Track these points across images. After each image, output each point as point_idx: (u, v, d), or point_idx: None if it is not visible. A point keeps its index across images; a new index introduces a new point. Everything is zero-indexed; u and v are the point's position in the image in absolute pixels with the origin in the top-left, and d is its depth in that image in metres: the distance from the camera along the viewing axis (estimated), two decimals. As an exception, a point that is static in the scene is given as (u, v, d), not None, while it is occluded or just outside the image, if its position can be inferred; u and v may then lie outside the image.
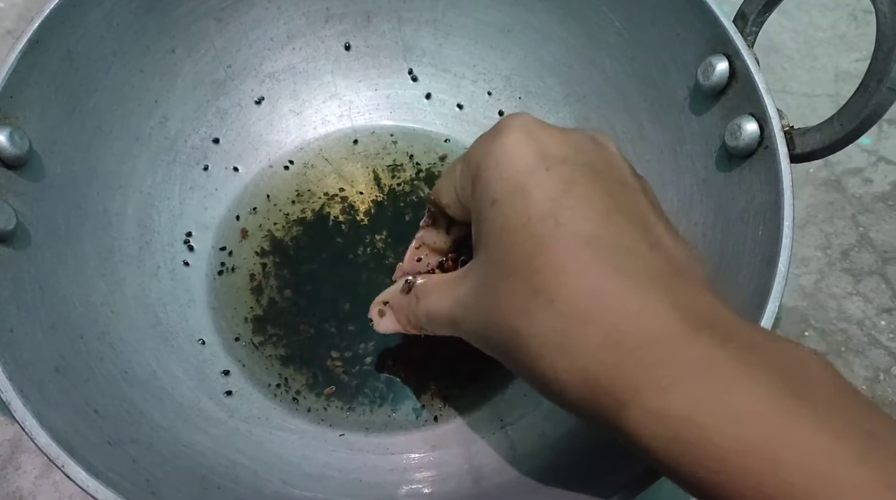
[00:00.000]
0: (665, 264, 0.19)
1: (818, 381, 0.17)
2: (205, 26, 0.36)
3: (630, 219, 0.20)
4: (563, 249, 0.19)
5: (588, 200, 0.20)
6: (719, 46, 0.30)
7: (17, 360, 0.24)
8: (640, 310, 0.18)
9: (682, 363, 0.17)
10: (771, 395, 0.16)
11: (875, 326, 0.40)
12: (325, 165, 0.39)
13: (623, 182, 0.22)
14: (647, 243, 0.20)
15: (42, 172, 0.29)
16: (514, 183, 0.21)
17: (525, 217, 0.20)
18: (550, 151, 0.21)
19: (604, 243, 0.19)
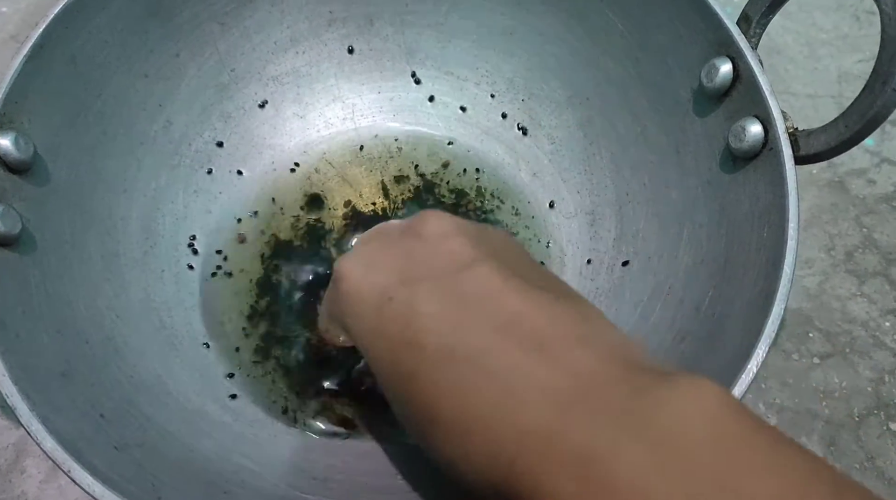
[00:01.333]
0: (523, 345, 0.19)
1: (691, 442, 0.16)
2: (208, 30, 0.36)
3: (480, 311, 0.20)
4: (429, 374, 0.19)
5: (435, 315, 0.20)
6: (723, 48, 0.30)
7: (22, 364, 0.24)
8: (511, 412, 0.18)
9: (558, 462, 0.17)
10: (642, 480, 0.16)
11: (879, 327, 0.40)
12: (329, 168, 0.39)
13: (462, 266, 0.21)
14: (496, 331, 0.19)
15: (47, 176, 0.29)
16: (371, 328, 0.21)
17: (392, 358, 0.21)
18: (387, 282, 0.22)
19: (460, 351, 0.19)
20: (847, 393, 0.39)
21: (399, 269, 0.22)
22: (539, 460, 0.17)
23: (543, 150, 0.39)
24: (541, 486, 0.17)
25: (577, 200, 0.37)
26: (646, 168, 0.35)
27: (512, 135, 0.40)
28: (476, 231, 0.23)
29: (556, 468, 0.17)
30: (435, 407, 0.19)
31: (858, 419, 0.38)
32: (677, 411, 0.16)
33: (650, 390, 0.17)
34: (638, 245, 0.34)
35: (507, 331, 0.19)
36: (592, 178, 0.37)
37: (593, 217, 0.37)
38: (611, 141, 0.36)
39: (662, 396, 0.17)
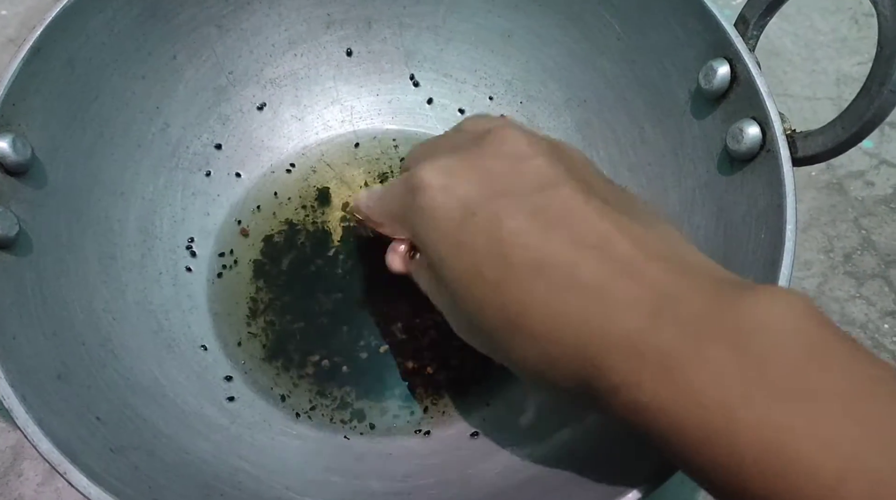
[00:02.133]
0: (611, 261, 0.20)
1: (777, 346, 0.17)
2: (206, 33, 0.36)
3: (565, 229, 0.21)
4: (520, 287, 0.21)
5: (522, 231, 0.21)
6: (720, 50, 0.30)
7: (19, 367, 0.24)
8: (599, 321, 0.19)
9: (642, 364, 0.18)
10: (723, 377, 0.17)
11: (878, 329, 0.40)
12: (328, 170, 0.39)
13: (546, 186, 0.22)
14: (585, 248, 0.20)
15: (44, 178, 0.29)
16: (452, 240, 0.22)
17: (475, 268, 0.21)
18: (470, 196, 0.22)
19: (550, 264, 0.20)
20: (846, 395, 0.39)
21: (481, 185, 0.22)
22: (626, 360, 0.19)
23: (541, 152, 0.39)
24: (627, 383, 0.19)
25: (575, 203, 0.37)
26: (643, 170, 0.35)
27: (510, 137, 0.40)
28: (552, 149, 0.24)
29: (642, 368, 0.18)
30: (522, 316, 0.20)
31: (857, 421, 0.38)
32: (759, 317, 0.17)
33: (733, 299, 0.18)
34: (636, 247, 0.34)
35: (594, 249, 0.20)
36: (590, 180, 0.37)
37: (591, 219, 0.37)
38: (608, 143, 0.36)
39: (745, 304, 0.18)
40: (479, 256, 0.21)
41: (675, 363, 0.18)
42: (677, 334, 0.18)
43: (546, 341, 0.20)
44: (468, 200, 0.22)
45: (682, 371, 0.18)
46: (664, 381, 0.18)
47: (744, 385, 0.17)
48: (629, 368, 0.19)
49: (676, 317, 0.18)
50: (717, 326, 0.18)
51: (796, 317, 0.17)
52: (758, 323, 0.17)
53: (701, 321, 0.18)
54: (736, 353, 0.17)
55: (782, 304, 0.18)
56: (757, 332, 0.17)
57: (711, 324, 0.18)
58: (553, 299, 0.20)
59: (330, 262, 0.37)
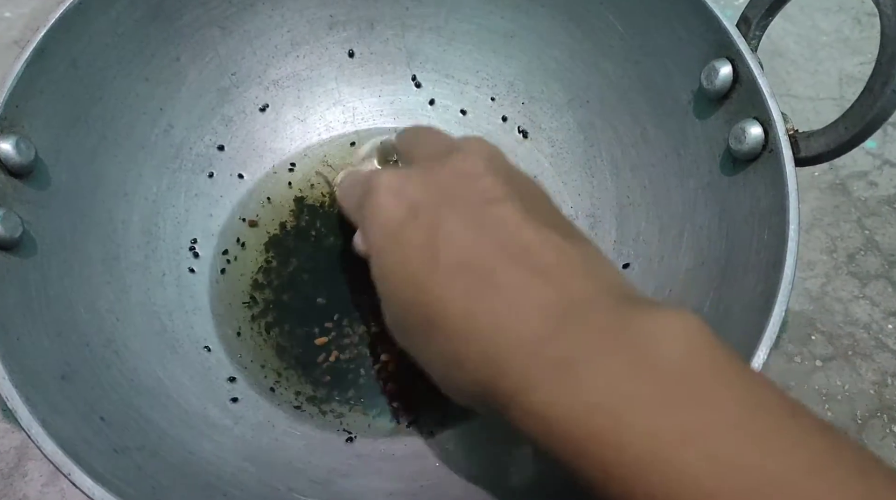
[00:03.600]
0: (530, 269, 0.21)
1: (668, 360, 0.18)
2: (209, 35, 0.36)
3: (496, 237, 0.22)
4: (441, 282, 0.21)
5: (454, 235, 0.22)
6: (723, 51, 0.30)
7: (23, 368, 0.24)
8: (507, 320, 0.20)
9: (540, 367, 0.19)
10: (613, 384, 0.18)
11: (882, 329, 0.40)
12: (330, 171, 0.39)
13: (490, 200, 0.23)
14: (509, 256, 0.21)
15: (48, 180, 0.29)
16: (391, 237, 0.23)
17: (406, 264, 0.22)
18: (416, 200, 0.23)
19: (473, 266, 0.21)
20: (849, 396, 0.38)
21: (430, 194, 0.23)
22: (526, 361, 0.19)
23: (544, 152, 0.39)
24: (524, 385, 0.19)
25: (578, 203, 0.37)
26: (646, 170, 0.35)
27: (512, 138, 0.40)
28: (507, 173, 0.25)
29: (540, 371, 0.19)
30: (440, 313, 0.21)
31: (861, 421, 0.38)
32: (656, 332, 0.18)
33: (636, 314, 0.19)
34: (639, 247, 0.34)
35: (518, 256, 0.21)
36: (593, 180, 0.37)
37: (594, 220, 0.37)
38: (611, 143, 0.36)
39: (646, 319, 0.19)
40: (412, 253, 0.22)
41: (571, 368, 0.18)
42: (578, 341, 0.19)
43: (458, 340, 0.21)
44: (414, 203, 0.23)
45: (576, 376, 0.18)
46: (558, 384, 0.18)
47: (633, 392, 0.17)
48: (528, 370, 0.19)
49: (580, 325, 0.19)
50: (616, 337, 0.19)
51: (690, 334, 0.18)
52: (654, 337, 0.18)
53: (602, 331, 0.19)
54: (630, 363, 0.18)
55: (678, 321, 0.19)
56: (652, 345, 0.18)
57: (612, 334, 0.19)
58: (469, 298, 0.21)
59: (333, 263, 0.37)
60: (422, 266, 0.22)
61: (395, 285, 0.23)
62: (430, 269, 0.22)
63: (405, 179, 0.24)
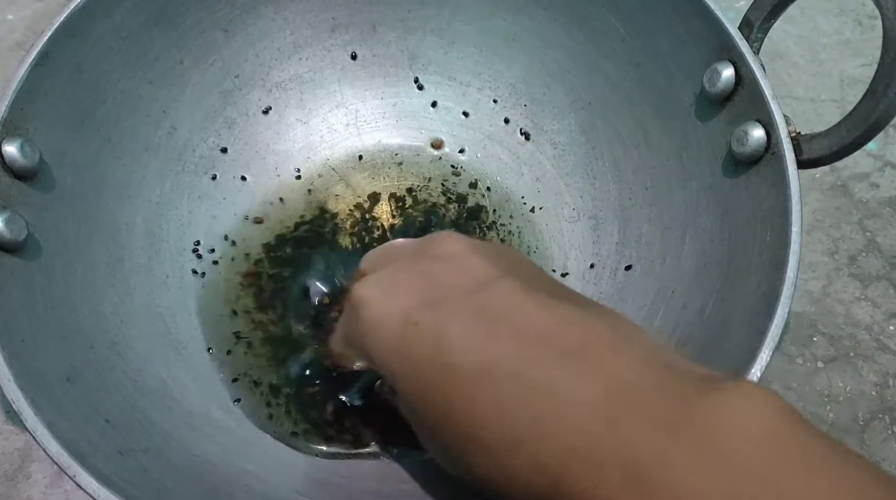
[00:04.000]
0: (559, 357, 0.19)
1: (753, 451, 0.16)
2: (212, 38, 0.36)
3: (509, 326, 0.20)
4: (467, 394, 0.19)
5: (464, 335, 0.20)
6: (725, 53, 0.30)
7: (28, 370, 0.24)
8: (553, 425, 0.18)
9: (608, 471, 0.17)
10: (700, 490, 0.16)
11: (884, 331, 0.40)
12: (332, 173, 0.39)
13: (484, 284, 0.21)
14: (530, 347, 0.19)
15: (52, 182, 0.30)
16: (397, 353, 0.21)
17: (424, 381, 0.20)
18: (409, 306, 0.21)
19: (495, 367, 0.19)
20: (851, 397, 0.39)
21: (419, 291, 0.22)
22: (588, 472, 0.17)
23: (546, 154, 0.39)
24: (592, 497, 0.17)
25: (580, 205, 0.38)
26: (648, 172, 0.35)
27: (514, 140, 0.40)
28: (488, 249, 0.23)
29: (607, 478, 0.16)
30: (474, 427, 0.19)
31: (863, 423, 0.38)
32: (730, 419, 0.16)
33: (700, 397, 0.17)
34: (641, 249, 0.34)
35: (540, 345, 0.19)
36: (595, 182, 0.37)
37: (596, 221, 0.37)
38: (613, 145, 0.37)
39: (714, 403, 0.17)
40: (425, 367, 0.20)
41: (642, 471, 0.16)
42: (639, 434, 0.17)
43: (501, 454, 0.19)
44: (408, 309, 0.21)
45: (651, 481, 0.16)
46: (634, 492, 0.16)
47: (720, 490, 0.15)
48: (590, 477, 0.17)
49: (637, 418, 0.17)
50: (684, 428, 0.16)
51: (768, 417, 0.16)
52: (730, 426, 0.16)
53: (666, 423, 0.17)
54: (711, 460, 0.16)
55: (753, 403, 0.17)
56: (730, 436, 0.16)
57: (678, 426, 0.16)
58: (501, 403, 0.19)
59: (336, 265, 0.37)
60: (441, 379, 0.20)
61: (418, 405, 0.21)
62: (450, 381, 0.20)
63: (385, 283, 0.22)
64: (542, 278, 0.24)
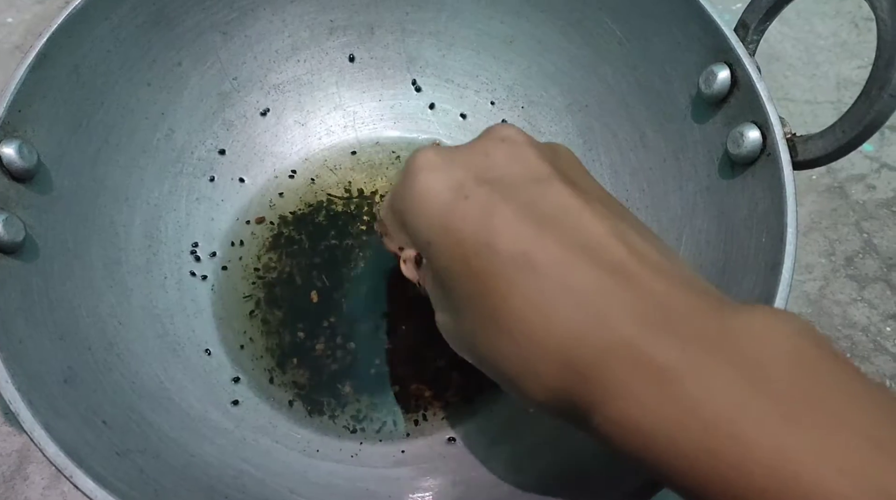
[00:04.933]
0: (604, 268, 0.19)
1: (780, 366, 0.17)
2: (210, 40, 0.36)
3: (559, 227, 0.20)
4: (505, 280, 0.19)
5: (513, 221, 0.20)
6: (721, 55, 0.30)
7: (25, 371, 0.24)
8: (590, 326, 0.18)
9: (638, 376, 0.17)
10: (727, 394, 0.16)
11: (881, 332, 0.40)
12: (331, 175, 0.39)
13: (539, 179, 0.21)
14: (578, 251, 0.19)
15: (50, 184, 0.30)
16: (440, 223, 0.21)
17: (461, 255, 0.20)
18: (463, 179, 0.21)
19: (537, 260, 0.19)
20: (848, 398, 0.39)
21: (477, 167, 0.22)
22: (617, 369, 0.18)
23: (543, 156, 0.39)
24: (617, 394, 0.17)
25: (577, 207, 0.38)
26: (645, 174, 0.35)
27: (512, 142, 0.40)
28: (547, 147, 0.23)
29: (635, 378, 0.17)
30: (506, 312, 0.19)
31: (860, 424, 0.38)
32: (759, 334, 0.17)
33: (731, 315, 0.18)
34: (638, 251, 0.34)
35: (588, 251, 0.19)
36: (592, 184, 0.37)
37: (593, 223, 0.37)
38: (610, 148, 0.37)
39: (744, 320, 0.17)
40: (466, 241, 0.20)
41: (674, 376, 0.17)
42: (675, 346, 0.17)
43: (527, 343, 0.19)
44: (461, 182, 0.21)
45: (682, 385, 0.17)
46: (661, 394, 0.17)
47: (752, 406, 0.16)
48: (621, 378, 0.17)
49: (674, 329, 0.18)
50: (716, 341, 0.17)
51: (795, 336, 0.17)
52: (758, 341, 0.17)
53: (700, 335, 0.17)
54: (738, 370, 0.16)
55: (780, 323, 0.17)
56: (758, 350, 0.17)
57: (710, 339, 0.17)
58: (539, 295, 0.19)
59: (335, 268, 0.37)
60: (479, 256, 0.20)
61: (453, 279, 0.21)
62: (489, 259, 0.20)
63: (447, 155, 0.22)
64: (596, 187, 0.24)
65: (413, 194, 0.22)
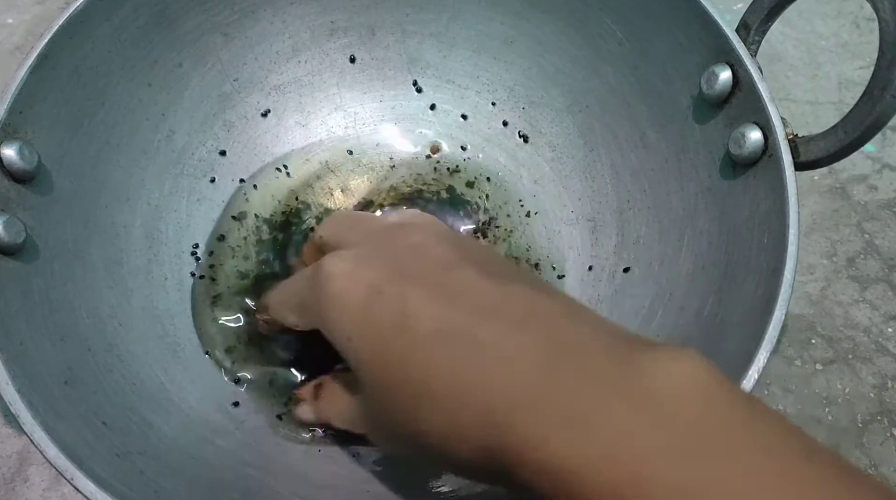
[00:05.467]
0: (508, 323, 0.20)
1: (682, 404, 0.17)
2: (211, 41, 0.36)
3: (466, 300, 0.21)
4: (422, 353, 0.21)
5: (426, 303, 0.21)
6: (722, 55, 0.30)
7: (26, 372, 0.24)
8: (501, 381, 0.19)
9: (549, 420, 0.18)
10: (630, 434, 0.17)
11: (882, 333, 0.40)
12: (331, 176, 0.39)
13: (448, 267, 0.23)
14: (483, 315, 0.21)
15: (51, 185, 0.30)
16: (359, 319, 0.23)
17: (382, 344, 0.22)
18: (375, 278, 0.23)
19: (451, 330, 0.21)
20: (850, 399, 0.39)
21: (387, 268, 0.23)
22: (529, 415, 0.18)
23: (544, 157, 0.39)
24: (533, 441, 0.18)
25: (578, 207, 0.38)
26: (646, 175, 0.35)
27: (513, 142, 0.40)
28: (455, 238, 0.25)
29: (547, 425, 0.18)
30: (427, 382, 0.21)
31: (862, 425, 0.38)
32: (661, 375, 0.18)
33: (635, 356, 0.19)
34: (639, 251, 0.34)
35: (494, 313, 0.21)
36: (593, 185, 0.37)
37: (594, 224, 0.37)
38: (611, 148, 0.37)
39: (646, 360, 0.18)
40: (384, 332, 0.22)
41: (580, 417, 0.18)
42: (579, 386, 0.18)
43: (451, 406, 0.20)
44: (375, 281, 0.23)
45: (587, 426, 0.17)
46: (569, 437, 0.18)
47: (649, 442, 0.17)
48: (533, 424, 0.18)
49: (577, 370, 0.19)
50: (619, 381, 0.18)
51: (697, 377, 0.18)
52: (660, 381, 0.18)
53: (602, 375, 0.18)
54: (642, 410, 0.17)
55: (683, 362, 0.18)
56: (661, 389, 0.17)
57: (613, 379, 0.18)
58: (455, 362, 0.20)
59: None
60: (399, 344, 0.21)
61: (374, 371, 0.22)
62: (408, 342, 0.21)
63: (356, 260, 0.24)
64: (504, 265, 0.25)
65: (328, 300, 0.23)
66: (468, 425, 0.20)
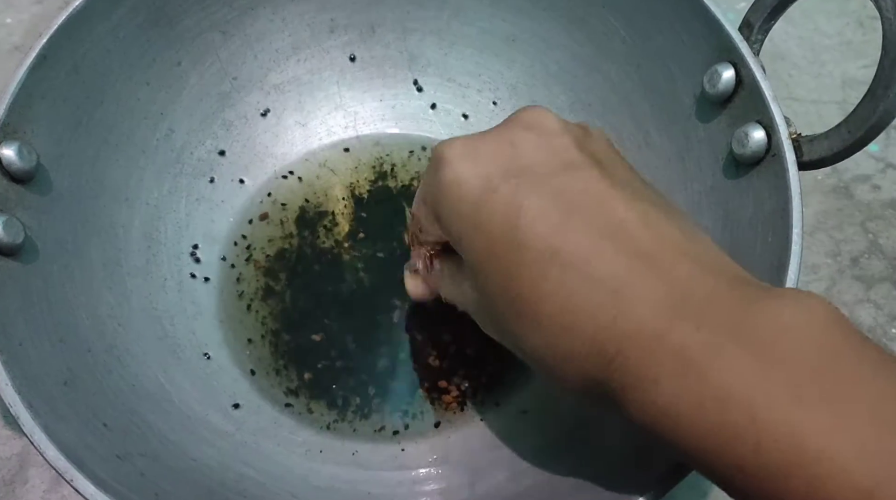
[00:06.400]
0: (630, 254, 0.19)
1: (803, 350, 0.17)
2: (210, 39, 0.36)
3: (586, 215, 0.20)
4: (532, 273, 0.20)
5: (541, 215, 0.20)
6: (725, 54, 0.30)
7: (25, 373, 0.24)
8: (614, 314, 0.19)
9: (659, 360, 0.18)
10: (747, 378, 0.17)
11: (886, 333, 0.40)
12: (331, 176, 0.39)
13: (570, 165, 0.21)
14: (603, 239, 0.20)
15: (49, 185, 0.29)
16: (469, 219, 0.21)
17: (489, 250, 0.21)
18: (491, 171, 0.21)
19: (565, 252, 0.20)
20: (854, 400, 0.38)
21: (504, 158, 0.22)
22: (642, 355, 0.18)
23: (546, 156, 0.39)
24: (643, 379, 0.18)
25: (580, 207, 0.37)
26: (649, 174, 0.34)
27: (514, 142, 0.40)
28: (581, 133, 0.23)
29: (659, 364, 0.18)
30: (535, 305, 0.20)
31: (865, 425, 0.38)
32: (783, 320, 0.17)
33: (756, 301, 0.18)
34: (641, 251, 0.34)
35: (614, 238, 0.20)
36: (595, 184, 0.37)
37: (596, 224, 0.37)
38: (613, 147, 0.36)
39: (769, 306, 0.18)
40: (494, 237, 0.21)
41: (696, 361, 0.17)
42: (698, 332, 0.18)
43: (557, 333, 0.20)
44: (490, 175, 0.21)
45: (703, 370, 0.17)
46: (683, 379, 0.17)
47: (769, 387, 0.16)
48: (645, 364, 0.18)
49: (697, 315, 0.18)
50: (739, 327, 0.17)
51: (821, 321, 0.17)
52: (782, 326, 0.17)
53: (723, 321, 0.18)
54: (760, 355, 0.17)
55: (806, 308, 0.17)
56: (781, 335, 0.17)
57: (734, 325, 0.17)
58: (565, 288, 0.19)
59: (336, 269, 0.37)
60: (508, 253, 0.20)
61: (482, 273, 0.21)
62: (517, 256, 0.20)
63: (471, 145, 0.22)
64: (626, 171, 0.24)
65: (442, 187, 0.22)
66: (573, 353, 0.20)
